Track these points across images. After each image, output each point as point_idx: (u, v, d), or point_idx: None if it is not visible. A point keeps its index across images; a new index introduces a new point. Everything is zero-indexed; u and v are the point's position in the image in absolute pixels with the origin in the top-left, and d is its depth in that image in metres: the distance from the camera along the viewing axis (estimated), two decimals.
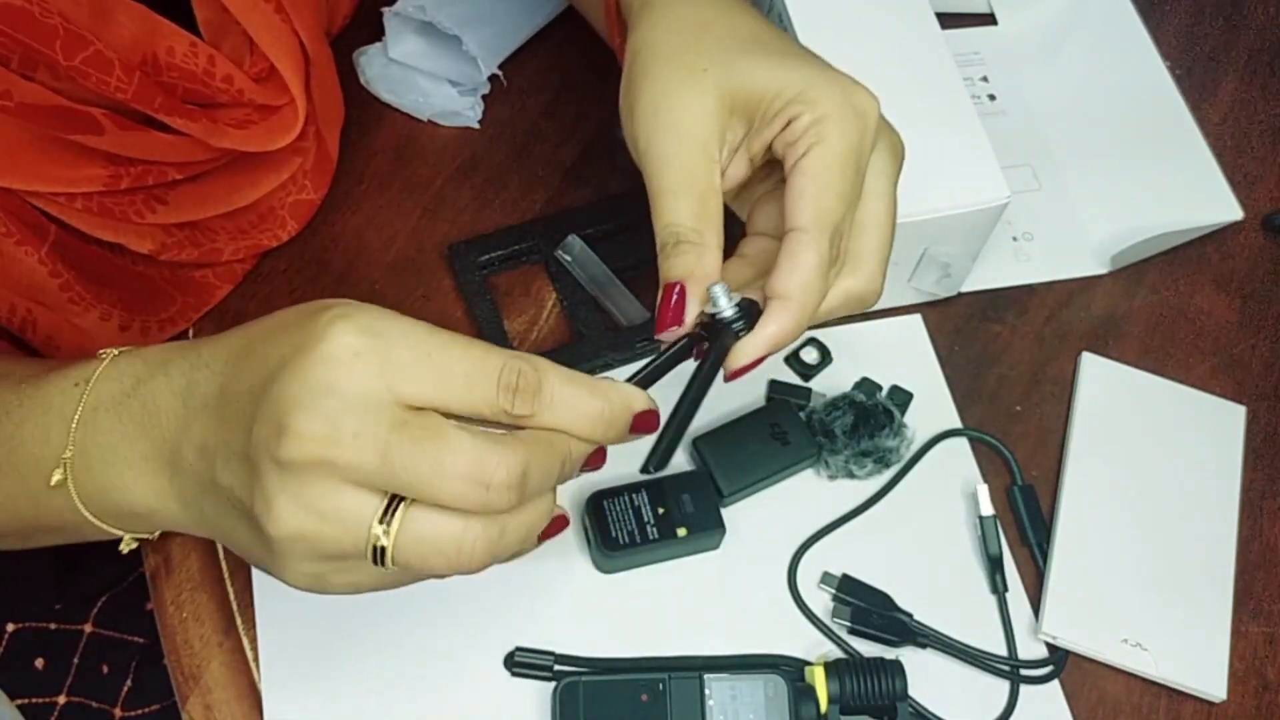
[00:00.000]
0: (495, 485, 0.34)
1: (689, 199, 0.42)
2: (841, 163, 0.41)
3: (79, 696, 0.63)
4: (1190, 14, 0.75)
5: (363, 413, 0.33)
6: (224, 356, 0.38)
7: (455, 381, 0.35)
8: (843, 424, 0.55)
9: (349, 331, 0.34)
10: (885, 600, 0.53)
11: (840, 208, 0.41)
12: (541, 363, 0.36)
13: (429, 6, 0.62)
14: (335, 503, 0.34)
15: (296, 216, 0.60)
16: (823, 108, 0.41)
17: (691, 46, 0.43)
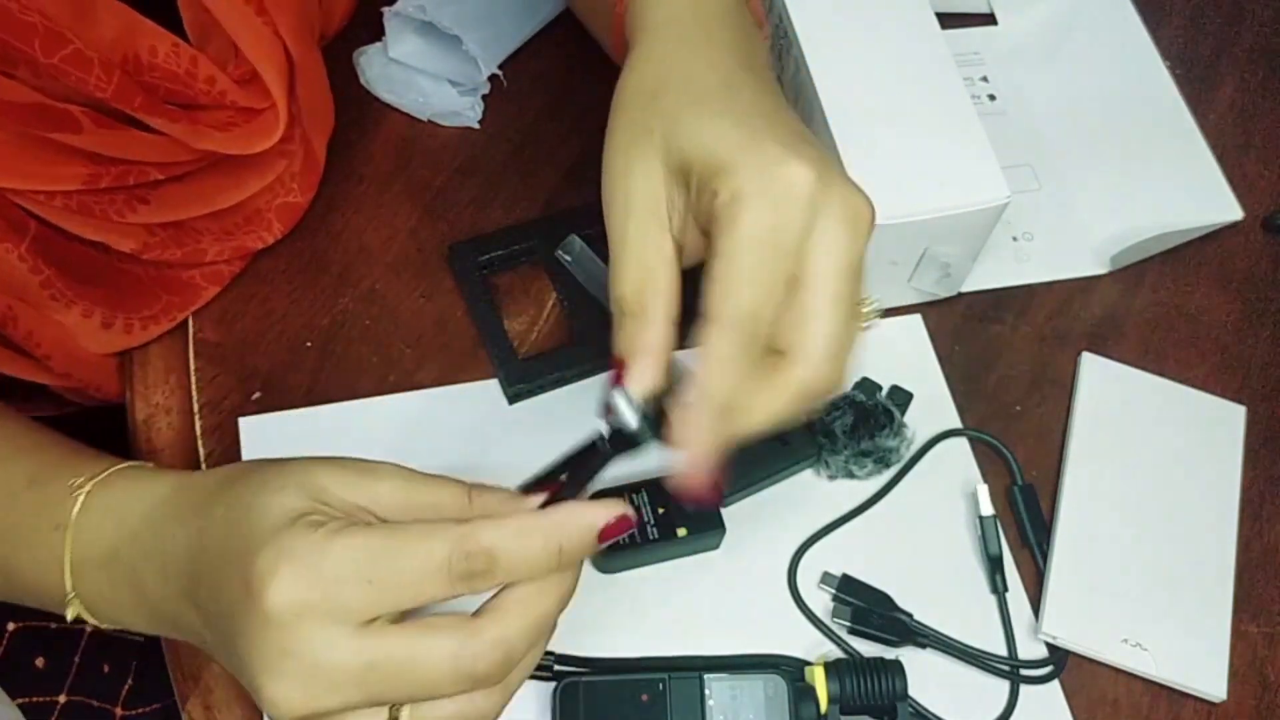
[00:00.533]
0: (481, 675, 0.35)
1: (633, 269, 0.39)
2: (752, 248, 0.37)
3: (79, 696, 0.63)
4: (1190, 14, 0.75)
5: (329, 666, 0.34)
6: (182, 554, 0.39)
7: (407, 593, 0.35)
8: (843, 424, 0.55)
9: (286, 588, 0.34)
10: (885, 600, 0.53)
11: (753, 296, 0.37)
12: (487, 533, 0.35)
13: (429, 6, 0.62)
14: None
15: (283, 219, 0.59)
16: (738, 185, 0.37)
17: (647, 103, 0.41)
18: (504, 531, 0.35)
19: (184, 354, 0.58)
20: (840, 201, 0.38)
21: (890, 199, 0.54)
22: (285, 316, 0.59)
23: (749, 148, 0.38)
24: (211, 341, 0.58)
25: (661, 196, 0.39)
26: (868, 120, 0.56)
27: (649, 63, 0.42)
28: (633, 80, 0.42)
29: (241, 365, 0.57)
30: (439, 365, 0.58)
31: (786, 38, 0.60)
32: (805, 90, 0.58)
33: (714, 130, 0.39)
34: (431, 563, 0.34)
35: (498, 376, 0.57)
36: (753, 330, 0.37)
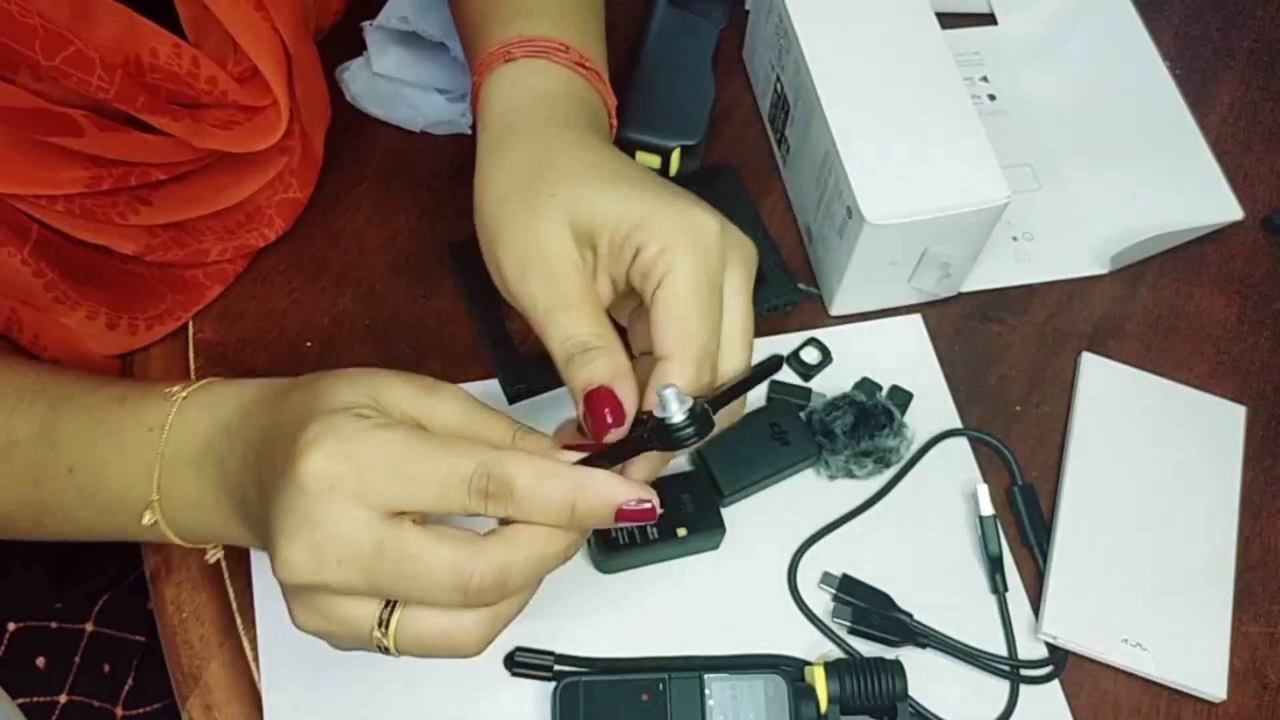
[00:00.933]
0: (475, 590, 0.37)
1: (583, 311, 0.42)
2: (695, 287, 0.41)
3: (80, 695, 0.63)
4: (1190, 14, 0.75)
5: (344, 540, 0.36)
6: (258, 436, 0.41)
7: (429, 494, 0.37)
8: (843, 424, 0.55)
9: (322, 459, 0.36)
10: (885, 600, 0.53)
11: (704, 331, 0.41)
12: (512, 462, 0.37)
13: (412, 17, 0.62)
14: (336, 610, 0.38)
15: (284, 215, 0.60)
16: (665, 236, 0.41)
17: (539, 175, 0.44)
18: (527, 467, 0.37)
19: (184, 354, 0.58)
20: (739, 244, 0.43)
21: (890, 199, 0.54)
22: (285, 316, 0.59)
23: (659, 207, 0.42)
24: (212, 341, 0.58)
25: (576, 250, 0.42)
26: (868, 120, 0.56)
27: (517, 148, 0.45)
28: (506, 162, 0.45)
29: (241, 365, 0.57)
30: (439, 365, 0.58)
31: (786, 38, 0.60)
32: (805, 90, 0.58)
33: (620, 195, 0.42)
34: (456, 473, 0.36)
35: (498, 376, 0.57)
36: (708, 357, 0.41)
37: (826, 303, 0.61)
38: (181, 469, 0.44)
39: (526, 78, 0.48)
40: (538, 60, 0.48)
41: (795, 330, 0.61)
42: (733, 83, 0.69)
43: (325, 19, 0.66)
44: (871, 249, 0.56)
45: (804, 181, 0.61)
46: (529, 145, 0.45)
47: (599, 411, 0.40)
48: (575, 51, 0.49)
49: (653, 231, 0.41)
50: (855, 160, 0.55)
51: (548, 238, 0.42)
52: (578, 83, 0.49)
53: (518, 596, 0.39)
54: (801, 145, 0.61)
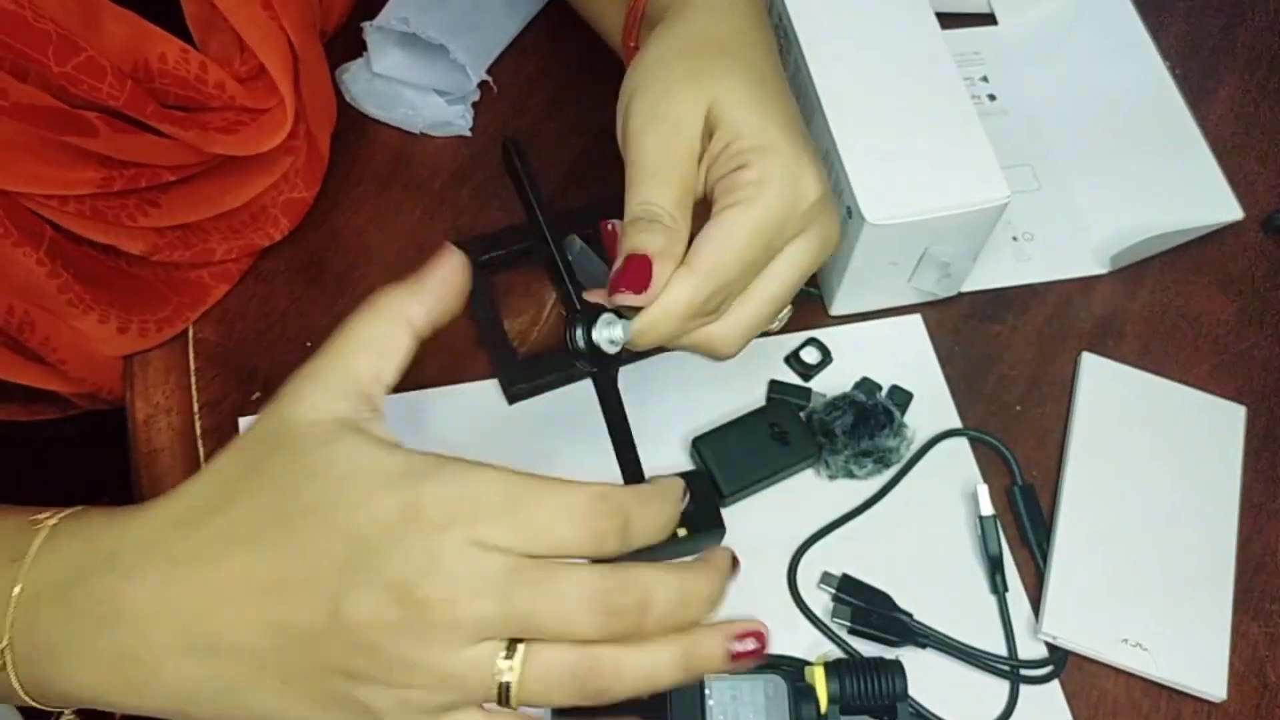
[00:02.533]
0: (616, 608, 0.34)
1: (672, 186, 0.42)
2: (756, 230, 0.41)
3: None
4: (1190, 14, 0.75)
5: (474, 572, 0.33)
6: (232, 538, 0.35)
7: (539, 534, 0.34)
8: (843, 424, 0.55)
9: (432, 510, 0.33)
10: (885, 600, 0.53)
11: (735, 270, 0.41)
12: (620, 494, 0.35)
13: (412, 18, 0.62)
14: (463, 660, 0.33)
15: (289, 215, 0.60)
16: (768, 172, 0.42)
17: (703, 53, 0.45)
18: (634, 495, 0.35)
19: (184, 354, 0.58)
20: (827, 223, 0.44)
21: (890, 199, 0.54)
22: (286, 316, 0.59)
23: (782, 144, 0.42)
24: (212, 342, 0.58)
25: (700, 133, 0.43)
26: (868, 120, 0.56)
27: (681, 31, 0.46)
28: (667, 39, 0.45)
29: (242, 365, 0.57)
30: (439, 365, 0.58)
31: (787, 38, 0.60)
32: (805, 90, 0.58)
33: (759, 112, 0.43)
34: (571, 509, 0.34)
35: (497, 376, 0.57)
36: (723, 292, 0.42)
37: (826, 303, 0.61)
38: (42, 606, 0.37)
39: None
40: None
41: (795, 330, 0.60)
42: None
43: (330, 21, 0.66)
44: (871, 249, 0.56)
45: None
46: (705, 27, 0.45)
47: (630, 274, 0.41)
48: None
49: (763, 161, 0.42)
50: (855, 160, 0.55)
51: (684, 108, 0.43)
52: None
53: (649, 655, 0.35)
54: None
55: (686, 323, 0.42)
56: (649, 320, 0.42)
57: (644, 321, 0.42)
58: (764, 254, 0.42)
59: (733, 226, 0.41)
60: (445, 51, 0.62)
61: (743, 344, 0.45)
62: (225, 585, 0.35)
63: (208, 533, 0.36)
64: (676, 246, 0.42)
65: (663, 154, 0.43)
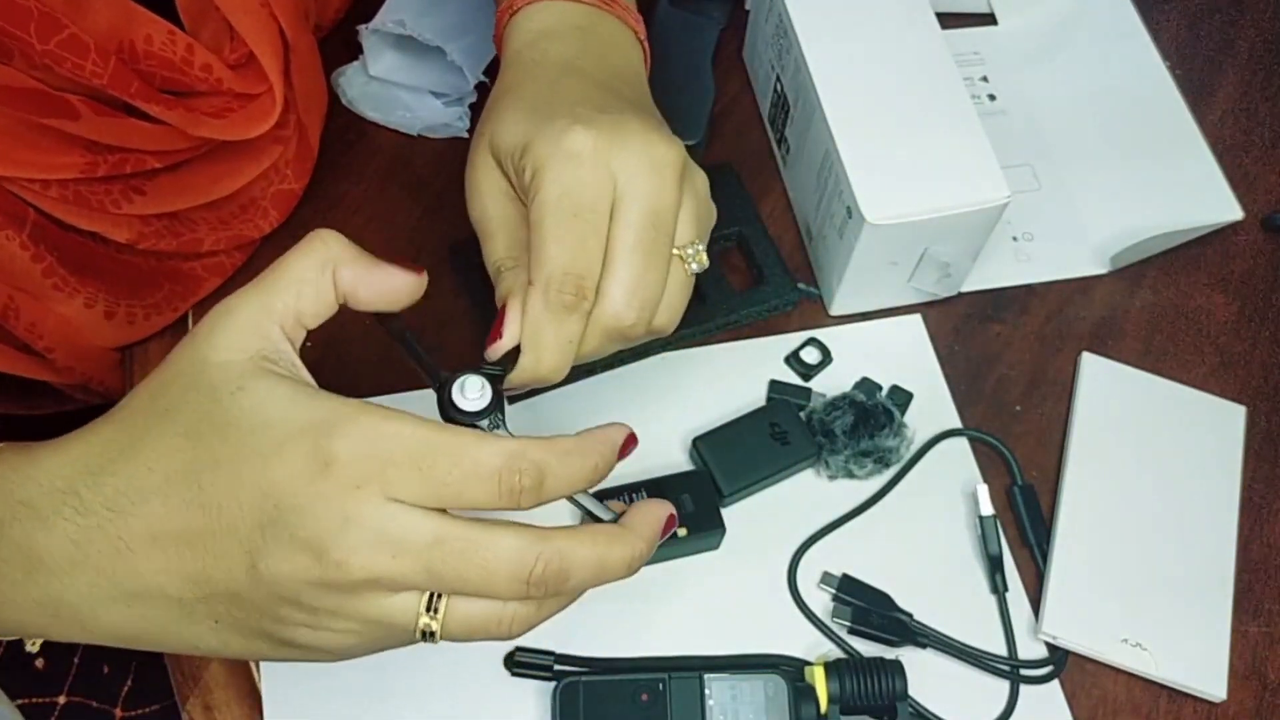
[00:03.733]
0: (536, 578, 0.35)
1: (500, 238, 0.45)
2: (552, 211, 0.41)
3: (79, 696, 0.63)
4: (1190, 14, 0.75)
5: (393, 535, 0.34)
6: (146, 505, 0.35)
7: (451, 489, 0.35)
8: (843, 424, 0.55)
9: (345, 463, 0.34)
10: (885, 600, 0.53)
11: (558, 254, 0.41)
12: (536, 450, 0.36)
13: (409, 20, 0.62)
14: (383, 610, 0.35)
15: (279, 207, 0.59)
16: (535, 159, 0.42)
17: (485, 115, 0.47)
18: (552, 451, 0.36)
19: None
20: (635, 152, 0.42)
21: (890, 199, 0.54)
22: None
23: (540, 126, 0.42)
24: None
25: (502, 183, 0.45)
26: (868, 120, 0.56)
27: (494, 90, 0.48)
28: (486, 104, 0.48)
29: None
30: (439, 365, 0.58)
31: (786, 38, 0.60)
32: (805, 90, 0.58)
33: (515, 119, 0.44)
34: (483, 467, 0.35)
35: None
36: (570, 281, 0.41)
37: (826, 303, 0.61)
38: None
39: (522, 24, 0.49)
40: (538, 4, 0.49)
41: (795, 330, 0.61)
42: (733, 83, 0.69)
43: (326, 15, 0.65)
44: (871, 249, 0.56)
45: (804, 181, 0.61)
46: (498, 88, 0.48)
47: (495, 326, 0.43)
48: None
49: (529, 155, 0.42)
50: (855, 160, 0.55)
51: (477, 169, 0.46)
52: (576, 13, 0.49)
53: (565, 598, 0.38)
54: (801, 145, 0.61)
55: (558, 330, 0.42)
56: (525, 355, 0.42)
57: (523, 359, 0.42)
58: (577, 224, 0.41)
59: (535, 223, 0.41)
60: (442, 53, 0.62)
61: (638, 303, 0.42)
62: (140, 537, 0.35)
63: (118, 482, 0.35)
64: (519, 280, 0.43)
65: (483, 218, 0.46)
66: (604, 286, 0.42)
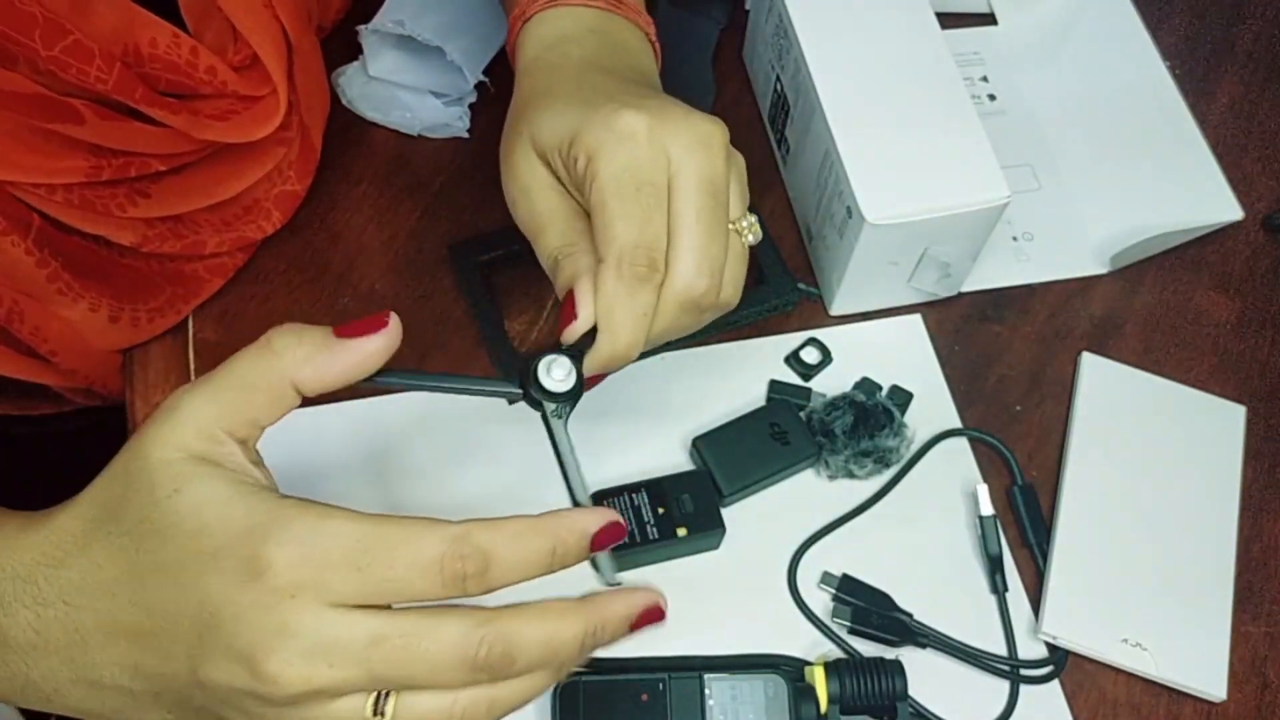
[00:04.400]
0: (482, 661, 0.34)
1: (552, 231, 0.45)
2: (614, 190, 0.42)
3: None
4: (1190, 14, 0.76)
5: (329, 643, 0.33)
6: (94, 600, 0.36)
7: (393, 586, 0.34)
8: (843, 424, 0.55)
9: (280, 570, 0.33)
10: (885, 600, 0.53)
11: (626, 230, 0.41)
12: (483, 532, 0.34)
13: (408, 20, 0.62)
14: (329, 715, 0.34)
15: (281, 208, 0.59)
16: (588, 145, 0.43)
17: (518, 118, 0.47)
18: (500, 533, 0.35)
19: (184, 354, 0.58)
20: (685, 130, 0.43)
21: (890, 199, 0.54)
22: (285, 316, 0.59)
23: (587, 117, 0.43)
24: (212, 341, 0.58)
25: (548, 179, 0.46)
26: (868, 120, 0.56)
27: (519, 94, 0.49)
28: (511, 109, 0.49)
29: None
30: (439, 365, 0.58)
31: (786, 38, 0.60)
32: (805, 90, 0.58)
33: (559, 114, 0.45)
34: (423, 558, 0.34)
35: (497, 376, 0.57)
36: (641, 254, 0.41)
37: (826, 303, 0.61)
38: None
39: (535, 30, 0.50)
40: (551, 10, 0.50)
41: (795, 330, 0.61)
42: (733, 83, 0.69)
43: (328, 16, 0.65)
44: (871, 249, 0.56)
45: (804, 181, 0.62)
46: (524, 92, 0.48)
47: (565, 309, 0.43)
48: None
49: (580, 143, 0.43)
50: (855, 160, 0.55)
51: (520, 169, 0.46)
52: (591, 15, 0.50)
53: (525, 682, 0.36)
54: (801, 145, 0.61)
55: (632, 304, 0.42)
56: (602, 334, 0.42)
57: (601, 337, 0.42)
58: (639, 201, 0.42)
59: (598, 206, 0.42)
60: (441, 53, 0.62)
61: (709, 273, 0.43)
62: (92, 630, 0.36)
63: (70, 576, 0.36)
64: (584, 262, 0.44)
65: (532, 216, 0.46)
66: (673, 259, 0.42)
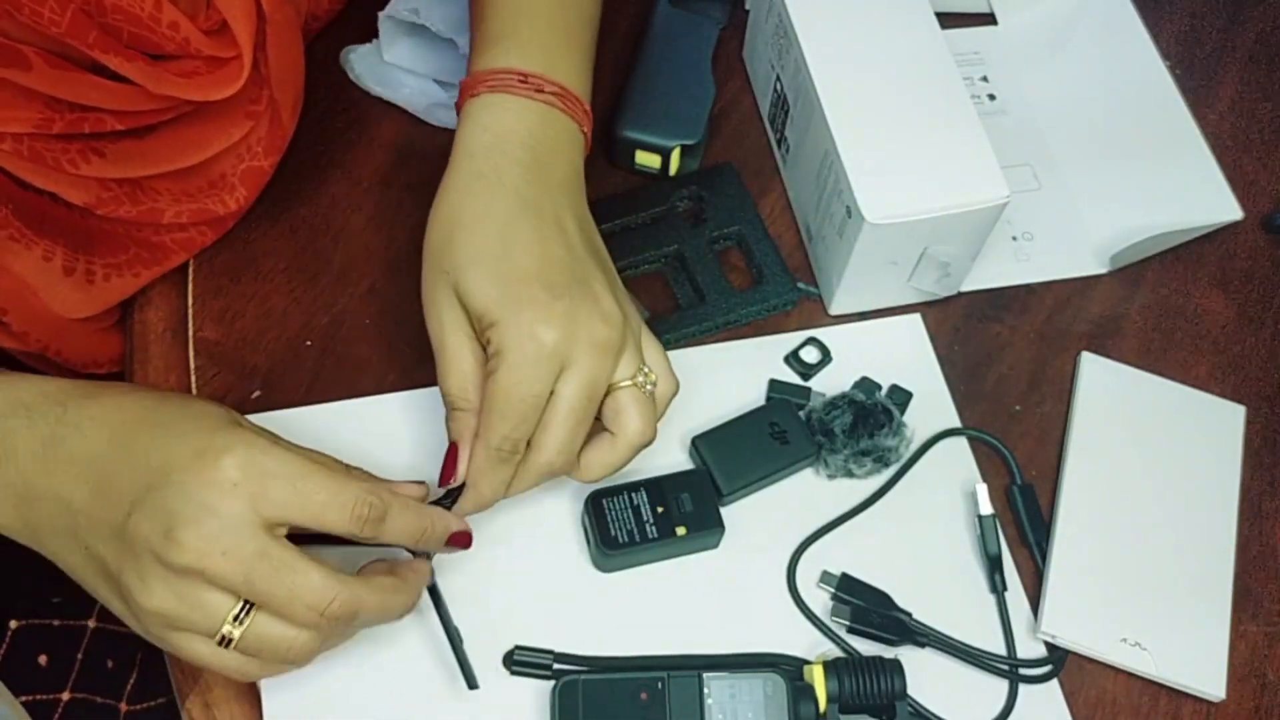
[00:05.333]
0: (329, 613, 0.43)
1: (455, 375, 0.49)
2: (505, 393, 0.47)
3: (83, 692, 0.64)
4: (1190, 14, 0.76)
5: (234, 536, 0.41)
6: (101, 429, 0.44)
7: (313, 511, 0.43)
8: (842, 423, 0.55)
9: (233, 465, 0.42)
10: (884, 599, 0.53)
11: (502, 426, 0.47)
12: (385, 492, 0.45)
13: (422, 10, 0.62)
14: (200, 597, 0.42)
15: (248, 184, 0.58)
16: (499, 343, 0.47)
17: (442, 249, 0.50)
18: (398, 500, 0.45)
19: (184, 352, 0.58)
20: (585, 341, 0.48)
21: (890, 199, 0.54)
22: (285, 315, 0.59)
23: (511, 313, 0.47)
24: (211, 340, 0.58)
25: (463, 320, 0.49)
26: (868, 120, 0.56)
27: (447, 200, 0.51)
28: (436, 217, 0.51)
29: (241, 364, 0.57)
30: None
31: (786, 38, 0.60)
32: (805, 90, 0.59)
33: (483, 291, 0.48)
34: (342, 495, 0.43)
35: None
36: (508, 445, 0.48)
37: (826, 302, 0.61)
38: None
39: (480, 116, 0.52)
40: (498, 96, 0.52)
41: (795, 330, 0.61)
42: (733, 82, 0.69)
43: (320, 4, 0.65)
44: (871, 248, 0.56)
45: (804, 181, 0.62)
46: (452, 203, 0.50)
47: (446, 464, 0.50)
48: (535, 79, 0.52)
49: (494, 332, 0.48)
50: (855, 160, 0.55)
51: (442, 308, 0.49)
52: (533, 113, 0.52)
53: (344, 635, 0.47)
54: (801, 145, 0.61)
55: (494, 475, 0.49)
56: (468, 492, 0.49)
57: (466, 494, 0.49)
58: (524, 407, 0.47)
59: (488, 397, 0.48)
60: (453, 45, 0.62)
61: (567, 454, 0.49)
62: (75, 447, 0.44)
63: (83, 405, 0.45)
64: (469, 423, 0.49)
65: (442, 347, 0.49)
66: (539, 443, 0.49)
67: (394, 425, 0.56)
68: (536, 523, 0.54)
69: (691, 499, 0.53)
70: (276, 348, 0.58)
